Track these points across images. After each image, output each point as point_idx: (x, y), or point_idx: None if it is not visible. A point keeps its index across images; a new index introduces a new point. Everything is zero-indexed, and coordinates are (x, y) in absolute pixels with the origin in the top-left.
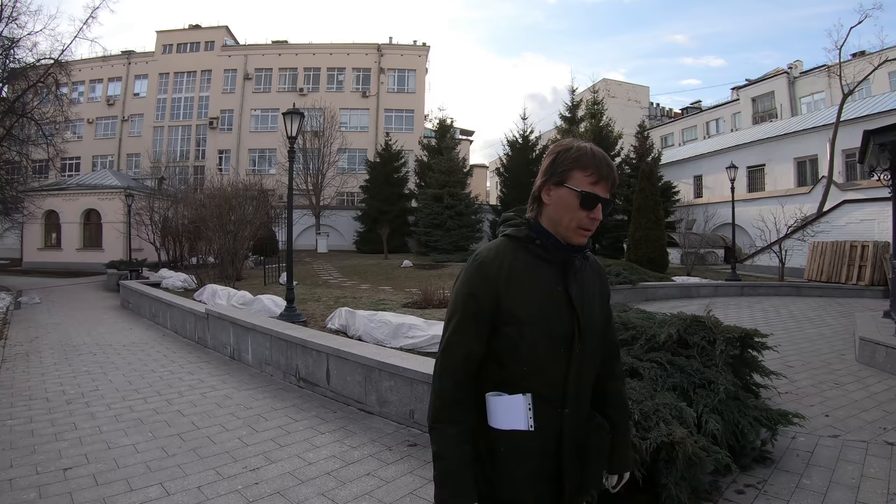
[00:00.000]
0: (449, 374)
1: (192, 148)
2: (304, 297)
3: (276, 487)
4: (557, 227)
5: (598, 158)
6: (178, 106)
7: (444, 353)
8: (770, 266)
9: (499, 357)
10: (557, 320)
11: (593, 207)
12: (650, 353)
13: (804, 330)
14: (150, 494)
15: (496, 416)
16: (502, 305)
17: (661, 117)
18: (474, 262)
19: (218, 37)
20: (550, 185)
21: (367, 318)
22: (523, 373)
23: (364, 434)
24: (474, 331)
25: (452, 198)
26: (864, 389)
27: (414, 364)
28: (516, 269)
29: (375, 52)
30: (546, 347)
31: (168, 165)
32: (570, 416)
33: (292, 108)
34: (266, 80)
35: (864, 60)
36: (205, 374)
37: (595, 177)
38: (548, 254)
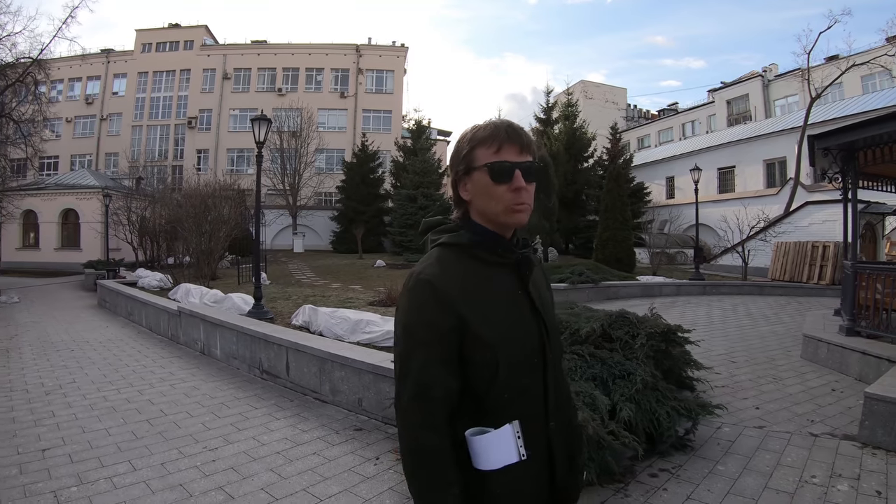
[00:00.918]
0: (430, 425)
1: (171, 147)
2: (275, 296)
3: (231, 464)
4: (491, 217)
5: (495, 125)
6: (156, 105)
7: (418, 401)
8: (735, 266)
9: (473, 390)
10: (527, 330)
11: (510, 177)
12: (573, 346)
13: (757, 327)
14: (119, 470)
15: (485, 458)
16: (469, 329)
17: (638, 119)
18: (419, 284)
19: (197, 36)
20: (462, 177)
21: (328, 315)
22: (504, 400)
23: (316, 420)
24: (444, 364)
25: (426, 198)
26: (801, 384)
27: (362, 356)
28: (471, 284)
29: (354, 53)
30: (523, 363)
31: (146, 165)
32: (556, 429)
33: (260, 115)
34: (245, 79)
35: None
36: (175, 367)
37: (496, 145)
38: (498, 256)
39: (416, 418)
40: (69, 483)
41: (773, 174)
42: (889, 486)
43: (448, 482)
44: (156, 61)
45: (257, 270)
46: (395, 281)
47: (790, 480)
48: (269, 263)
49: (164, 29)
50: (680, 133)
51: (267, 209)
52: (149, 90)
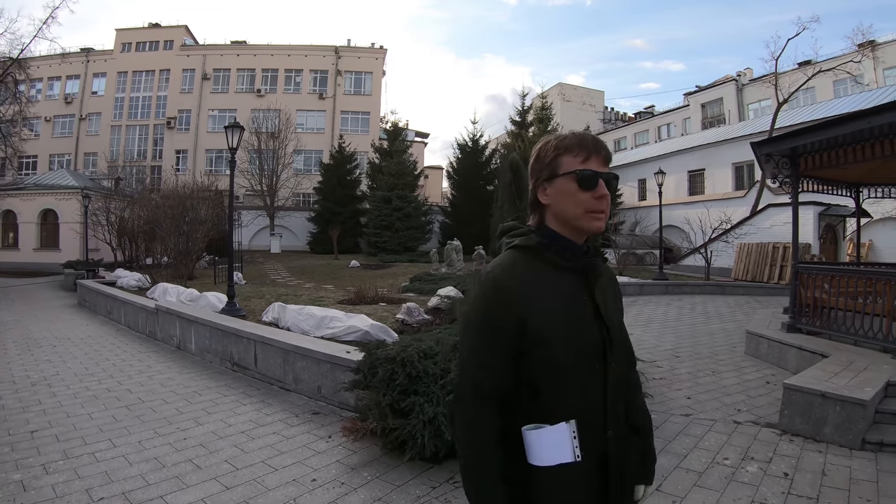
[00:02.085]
0: (484, 418)
1: (150, 147)
2: (249, 295)
3: (200, 441)
4: (567, 222)
5: (581, 136)
6: (135, 105)
7: (473, 396)
8: (700, 266)
9: (532, 385)
10: (588, 334)
11: (595, 185)
12: None
13: (709, 325)
14: (101, 447)
15: (538, 453)
16: (528, 326)
17: (615, 121)
18: (487, 282)
19: (177, 36)
20: (543, 183)
21: (295, 312)
22: (560, 399)
23: (279, 405)
24: (501, 362)
25: (401, 200)
26: (738, 377)
27: (321, 347)
28: (536, 284)
29: (333, 54)
30: (582, 366)
31: (125, 165)
32: (614, 439)
33: (233, 123)
34: (224, 80)
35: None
36: (153, 361)
37: (584, 154)
38: (566, 260)
39: (471, 413)
40: (56, 458)
41: (742, 177)
42: (798, 469)
43: (500, 473)
44: (135, 61)
45: (230, 270)
46: (368, 281)
47: (702, 462)
48: (246, 264)
49: (144, 29)
50: (656, 136)
51: (245, 210)
52: (128, 90)
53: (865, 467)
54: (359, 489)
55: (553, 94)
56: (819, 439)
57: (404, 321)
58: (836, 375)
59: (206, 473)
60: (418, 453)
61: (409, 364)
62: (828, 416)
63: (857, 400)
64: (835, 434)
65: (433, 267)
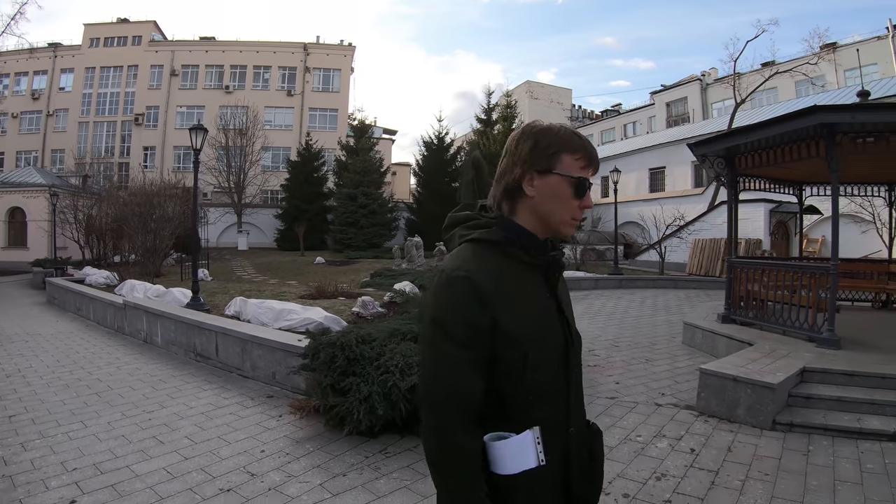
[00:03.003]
0: (462, 427)
1: (117, 144)
2: (214, 291)
3: (164, 421)
4: (548, 223)
5: (585, 140)
6: (103, 101)
7: (453, 402)
8: (658, 261)
9: (499, 390)
10: (554, 333)
11: (584, 195)
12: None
13: (655, 317)
14: (73, 428)
15: (503, 463)
16: (500, 328)
17: (582, 119)
18: (456, 280)
19: (146, 31)
20: (534, 173)
21: (256, 305)
22: (528, 402)
23: (237, 390)
24: (475, 366)
25: (366, 197)
26: (669, 364)
27: (275, 336)
28: (504, 281)
29: (302, 51)
30: (548, 366)
31: (93, 162)
32: (575, 435)
33: (197, 125)
34: (192, 76)
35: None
36: (121, 353)
37: (585, 160)
38: (530, 257)
39: (449, 420)
40: (33, 437)
41: (701, 175)
42: (705, 446)
43: (480, 482)
44: (103, 56)
45: (195, 267)
46: (331, 277)
47: (616, 438)
48: (213, 261)
49: (113, 24)
50: (622, 133)
51: (212, 207)
52: (96, 86)
53: (772, 445)
54: (301, 458)
55: (521, 92)
56: (733, 420)
57: (359, 314)
58: (753, 362)
59: (167, 447)
60: (355, 427)
61: (347, 348)
62: (740, 399)
63: (765, 384)
64: (747, 415)
65: (395, 263)
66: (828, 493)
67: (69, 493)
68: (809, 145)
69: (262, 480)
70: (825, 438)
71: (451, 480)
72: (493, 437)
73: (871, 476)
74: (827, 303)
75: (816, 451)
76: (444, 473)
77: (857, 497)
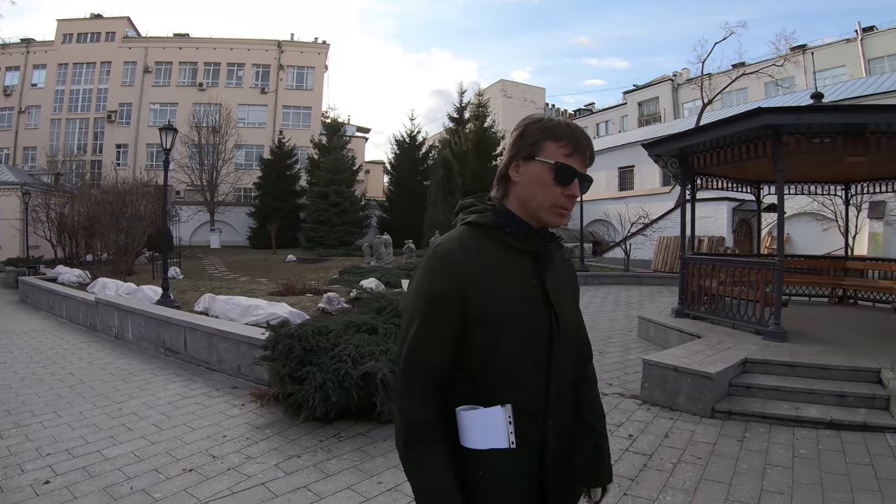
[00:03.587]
0: (415, 390)
1: (90, 142)
2: (185, 289)
3: (133, 410)
4: (529, 207)
5: (574, 129)
6: (76, 98)
7: (407, 366)
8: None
9: (469, 367)
10: (535, 319)
11: (569, 183)
12: (393, 318)
13: (615, 312)
14: (47, 417)
15: (471, 435)
16: (472, 305)
17: None
18: (436, 255)
19: (119, 27)
20: (519, 160)
21: (224, 301)
22: (500, 384)
23: (203, 382)
24: (441, 337)
25: (338, 195)
26: (621, 357)
27: (240, 330)
28: (486, 262)
29: (276, 49)
30: (525, 351)
31: (65, 160)
32: (554, 428)
33: (167, 125)
34: (166, 73)
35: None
36: (93, 349)
37: (570, 148)
38: (519, 243)
39: (402, 382)
40: (8, 427)
41: (668, 174)
42: (644, 432)
43: (433, 441)
44: (76, 52)
45: (165, 265)
46: (301, 274)
47: None
48: (186, 259)
49: (87, 20)
50: (594, 132)
51: (185, 205)
52: (68, 82)
53: (708, 432)
54: (259, 442)
55: (495, 91)
56: (674, 408)
57: (325, 310)
58: (697, 353)
59: (135, 433)
60: (311, 413)
61: (304, 339)
62: (681, 388)
63: (704, 373)
64: (687, 403)
65: (365, 261)
66: (756, 476)
67: (44, 475)
68: (757, 146)
69: (222, 462)
70: (762, 426)
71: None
72: (464, 408)
73: (802, 461)
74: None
75: (752, 438)
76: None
77: (786, 480)
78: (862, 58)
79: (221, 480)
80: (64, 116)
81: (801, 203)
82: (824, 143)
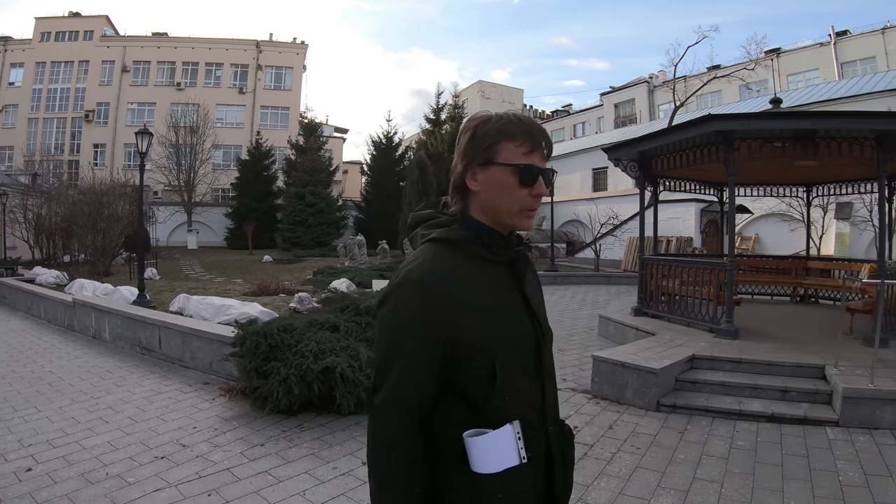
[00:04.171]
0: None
1: (67, 141)
2: (161, 289)
3: (109, 405)
4: (497, 216)
5: (528, 123)
6: (53, 97)
7: (393, 404)
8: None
9: (470, 398)
10: (523, 332)
11: (534, 182)
12: (356, 317)
13: (581, 311)
14: (28, 412)
15: (483, 460)
16: (466, 334)
17: None
18: (411, 283)
19: (97, 26)
20: (475, 167)
21: (198, 302)
22: (504, 404)
23: (177, 378)
24: (429, 372)
25: (314, 196)
26: (579, 354)
27: (212, 328)
28: (469, 282)
29: (254, 49)
30: (520, 367)
31: (42, 160)
32: (555, 434)
33: (143, 129)
34: (144, 73)
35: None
36: (71, 348)
37: (528, 145)
38: (493, 254)
39: (387, 424)
40: None
41: None
42: (589, 424)
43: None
44: (54, 51)
45: (141, 265)
46: (276, 275)
47: None
48: (163, 260)
49: (65, 18)
50: (571, 133)
51: (162, 206)
52: (46, 81)
53: (652, 424)
54: (227, 433)
55: (473, 92)
56: (622, 402)
57: (296, 309)
58: (647, 350)
59: (112, 426)
60: (276, 406)
61: (269, 336)
62: (628, 383)
63: (650, 369)
64: (634, 397)
65: (340, 261)
66: (691, 465)
67: (26, 463)
68: (710, 150)
69: (191, 450)
70: (705, 419)
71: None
72: (471, 434)
73: (739, 452)
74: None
75: (693, 430)
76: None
77: (719, 469)
78: (835, 61)
79: (190, 466)
80: (41, 116)
81: (770, 204)
82: (775, 147)
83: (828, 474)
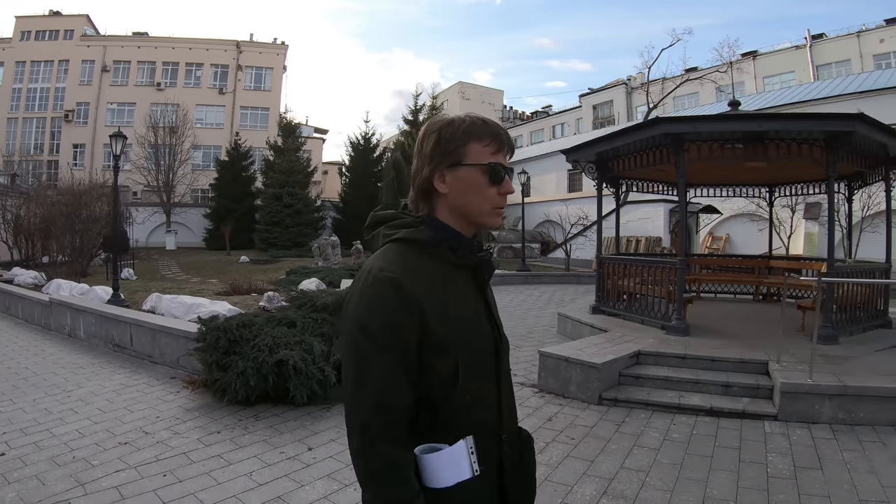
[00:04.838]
0: (393, 438)
1: (47, 141)
2: (136, 289)
3: (80, 397)
4: (468, 216)
5: (490, 124)
6: (33, 96)
7: (380, 412)
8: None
9: (431, 400)
10: (484, 336)
11: (503, 180)
12: (312, 314)
13: (545, 310)
14: (3, 405)
15: (437, 476)
16: (431, 334)
17: (513, 120)
18: (381, 281)
19: (78, 25)
20: (443, 169)
21: (170, 300)
22: (461, 407)
23: (147, 373)
24: (406, 370)
25: (291, 197)
26: (534, 350)
27: (179, 325)
28: (434, 284)
29: (234, 49)
30: (479, 370)
31: (22, 160)
32: (507, 441)
33: (117, 132)
34: (124, 72)
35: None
36: (46, 346)
37: (495, 145)
38: (458, 257)
39: (377, 431)
40: None
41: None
42: (529, 416)
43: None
44: (35, 50)
45: (116, 266)
46: (250, 275)
47: None
48: (141, 260)
49: (45, 17)
50: (551, 134)
51: (141, 206)
52: (26, 80)
53: (591, 416)
54: (187, 421)
55: (453, 93)
56: (567, 396)
57: (265, 307)
58: (595, 346)
59: (81, 416)
60: (234, 397)
61: (229, 331)
62: (572, 377)
63: (591, 364)
64: (577, 391)
65: (315, 261)
66: (621, 455)
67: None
68: (663, 152)
69: (153, 437)
70: (644, 412)
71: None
72: (423, 450)
73: (671, 443)
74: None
75: (630, 423)
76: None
77: (648, 459)
78: (811, 64)
79: (150, 451)
80: (21, 115)
81: (739, 205)
82: (725, 149)
83: (756, 466)
